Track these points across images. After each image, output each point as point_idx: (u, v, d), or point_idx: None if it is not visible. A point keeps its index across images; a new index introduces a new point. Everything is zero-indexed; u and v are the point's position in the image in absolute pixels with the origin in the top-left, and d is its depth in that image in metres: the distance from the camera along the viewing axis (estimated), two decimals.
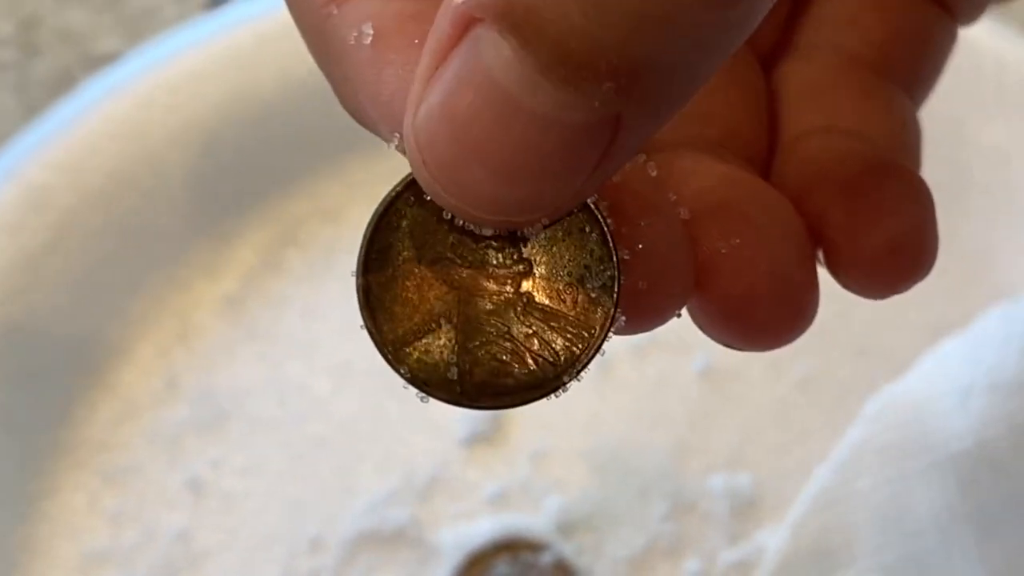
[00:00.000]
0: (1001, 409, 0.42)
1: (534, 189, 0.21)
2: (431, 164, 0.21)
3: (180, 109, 0.57)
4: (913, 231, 0.25)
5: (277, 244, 0.58)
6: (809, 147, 0.27)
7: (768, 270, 0.24)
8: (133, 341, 0.55)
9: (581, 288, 0.23)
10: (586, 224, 0.23)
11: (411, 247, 0.23)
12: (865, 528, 0.44)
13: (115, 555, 0.50)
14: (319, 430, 0.52)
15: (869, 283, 0.25)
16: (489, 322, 0.23)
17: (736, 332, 0.25)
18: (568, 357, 0.23)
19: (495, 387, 0.23)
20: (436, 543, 0.48)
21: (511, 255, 0.23)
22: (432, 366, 0.23)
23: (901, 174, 0.26)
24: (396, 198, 0.23)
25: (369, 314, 0.23)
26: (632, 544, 0.47)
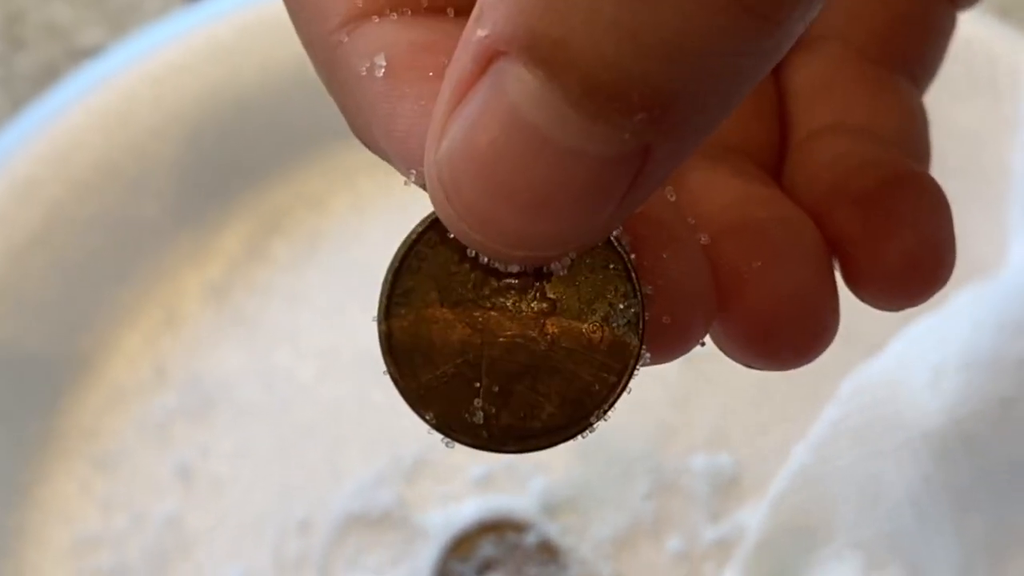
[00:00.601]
0: (973, 387, 0.43)
1: (562, 224, 0.20)
2: (455, 202, 0.20)
3: (163, 101, 0.58)
4: (931, 243, 0.25)
5: (261, 233, 0.58)
6: (822, 151, 0.27)
7: (790, 292, 0.24)
8: (120, 330, 0.55)
9: (606, 326, 0.22)
10: (609, 261, 0.22)
11: (433, 289, 0.22)
12: (843, 505, 0.44)
13: (107, 540, 0.50)
14: (306, 415, 0.53)
15: (887, 297, 0.25)
16: (516, 363, 0.22)
17: (759, 354, 0.25)
18: (595, 398, 0.22)
19: (521, 431, 0.22)
20: (423, 524, 0.49)
21: (535, 295, 0.22)
22: (457, 412, 0.23)
23: (918, 184, 0.26)
24: (417, 240, 0.23)
25: (392, 361, 0.23)
26: (615, 524, 0.48)
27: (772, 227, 0.25)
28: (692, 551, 0.48)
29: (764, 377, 0.51)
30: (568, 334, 0.22)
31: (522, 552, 0.47)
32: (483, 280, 0.22)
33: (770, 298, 0.24)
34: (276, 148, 0.59)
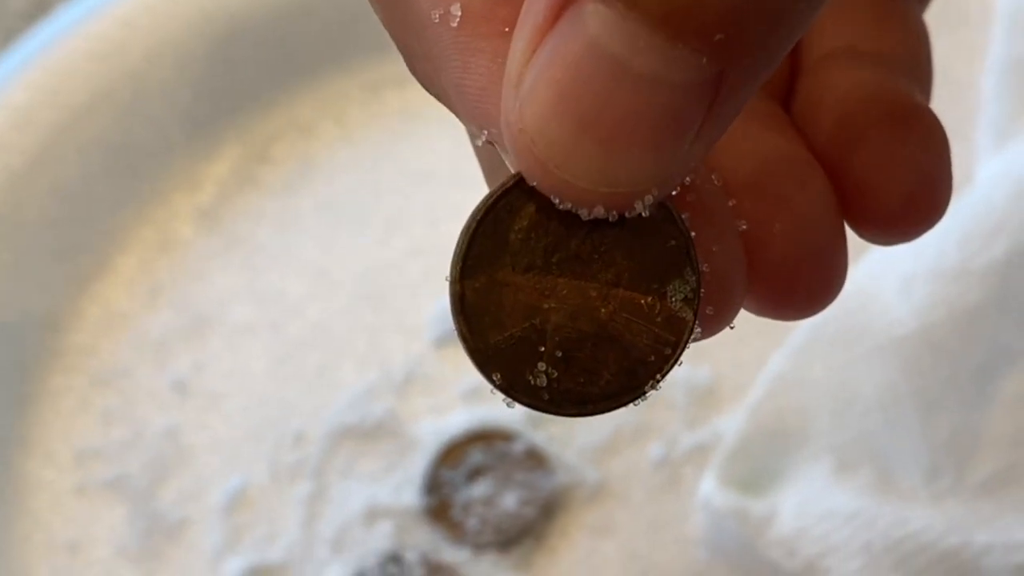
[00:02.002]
0: (941, 295, 0.45)
1: (643, 157, 0.21)
2: (540, 142, 0.21)
3: (156, 28, 0.59)
4: (929, 183, 0.26)
5: (252, 159, 0.60)
6: (830, 80, 0.28)
7: (810, 253, 0.25)
8: (116, 252, 0.57)
9: (664, 300, 0.23)
10: (671, 237, 0.23)
11: (506, 254, 0.23)
12: (817, 410, 0.46)
13: (107, 452, 0.52)
14: (298, 333, 0.55)
15: (885, 234, 0.26)
16: (578, 331, 0.23)
17: (773, 308, 0.26)
18: (649, 368, 0.23)
19: (580, 395, 0.23)
20: (414, 434, 0.51)
21: (600, 264, 0.23)
22: (520, 373, 0.23)
23: (920, 121, 0.26)
24: (494, 205, 0.23)
25: (464, 320, 0.23)
26: (599, 432, 0.50)
27: (788, 185, 0.26)
28: (672, 456, 0.50)
29: None
30: (629, 305, 0.23)
31: (510, 459, 0.49)
32: (554, 247, 0.23)
33: (790, 260, 0.25)
34: (267, 75, 0.60)
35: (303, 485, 0.50)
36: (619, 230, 0.23)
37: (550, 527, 0.48)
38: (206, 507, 0.50)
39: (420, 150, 0.60)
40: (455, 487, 0.49)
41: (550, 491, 0.49)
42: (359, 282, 0.56)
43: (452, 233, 0.44)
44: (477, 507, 0.48)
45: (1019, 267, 0.45)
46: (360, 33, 0.61)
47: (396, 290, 0.55)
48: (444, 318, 0.53)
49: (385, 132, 0.61)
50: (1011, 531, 0.43)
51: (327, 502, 0.50)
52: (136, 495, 0.51)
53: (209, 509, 0.50)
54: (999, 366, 0.45)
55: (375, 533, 0.49)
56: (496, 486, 0.49)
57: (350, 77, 0.61)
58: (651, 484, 0.49)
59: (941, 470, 0.45)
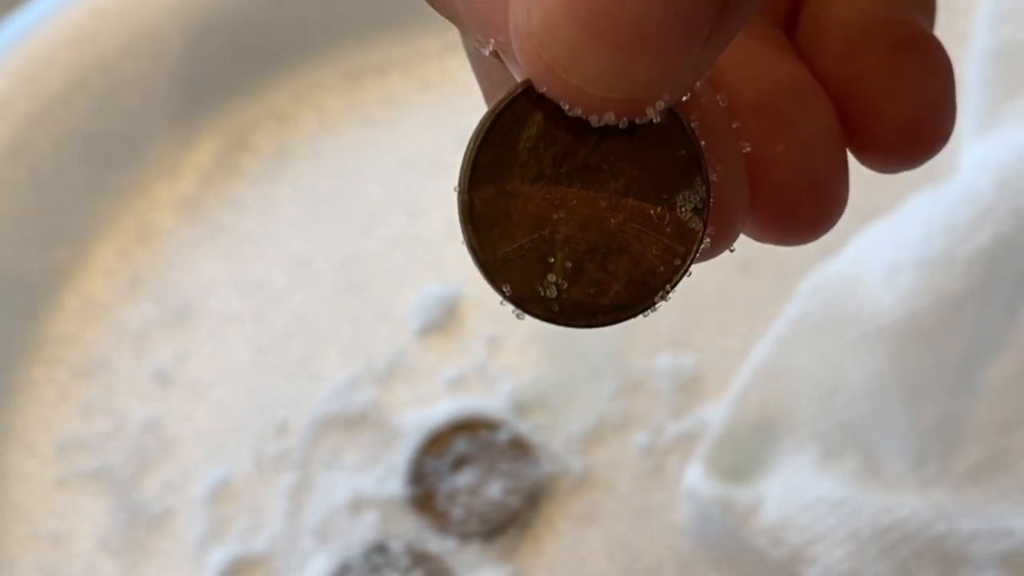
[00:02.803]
0: (927, 283, 0.45)
1: (654, 60, 0.21)
2: (549, 46, 0.21)
3: (132, 16, 0.58)
4: (933, 109, 0.26)
5: (230, 148, 0.59)
6: (834, 7, 0.28)
7: (810, 174, 0.25)
8: (94, 243, 0.57)
9: (673, 210, 0.23)
10: (681, 146, 0.23)
11: (515, 163, 0.23)
12: (802, 398, 0.46)
13: (88, 443, 0.52)
14: (280, 323, 0.54)
15: (888, 160, 0.26)
16: (588, 241, 0.23)
17: (776, 231, 0.26)
18: (659, 279, 0.23)
19: (590, 306, 0.23)
20: (398, 424, 0.51)
21: (610, 174, 0.23)
22: (529, 284, 0.23)
23: (925, 48, 0.26)
24: (502, 113, 0.23)
25: (472, 231, 0.23)
26: (584, 420, 0.50)
27: (791, 107, 0.26)
28: (657, 445, 0.49)
29: (726, 278, 0.53)
30: (638, 215, 0.23)
31: (495, 448, 0.49)
32: (563, 157, 0.23)
33: (791, 181, 0.25)
34: (245, 64, 0.60)
35: (287, 476, 0.50)
36: (629, 139, 0.23)
37: (535, 516, 0.48)
38: (189, 498, 0.50)
39: (401, 138, 0.59)
40: (440, 476, 0.49)
41: (535, 480, 0.48)
42: (342, 271, 0.56)
43: (434, 221, 0.44)
44: (462, 496, 0.48)
45: (1004, 255, 0.45)
46: (339, 20, 0.61)
47: (379, 279, 0.55)
48: (427, 307, 0.53)
49: (365, 120, 0.60)
50: (997, 518, 0.43)
51: (311, 492, 0.50)
52: (118, 486, 0.50)
53: (192, 500, 0.50)
54: (985, 354, 0.46)
55: (360, 523, 0.48)
56: (481, 475, 0.49)
57: (330, 65, 0.61)
58: (636, 473, 0.49)
59: (927, 458, 0.45)
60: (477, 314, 0.53)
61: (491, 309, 0.53)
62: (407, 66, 0.61)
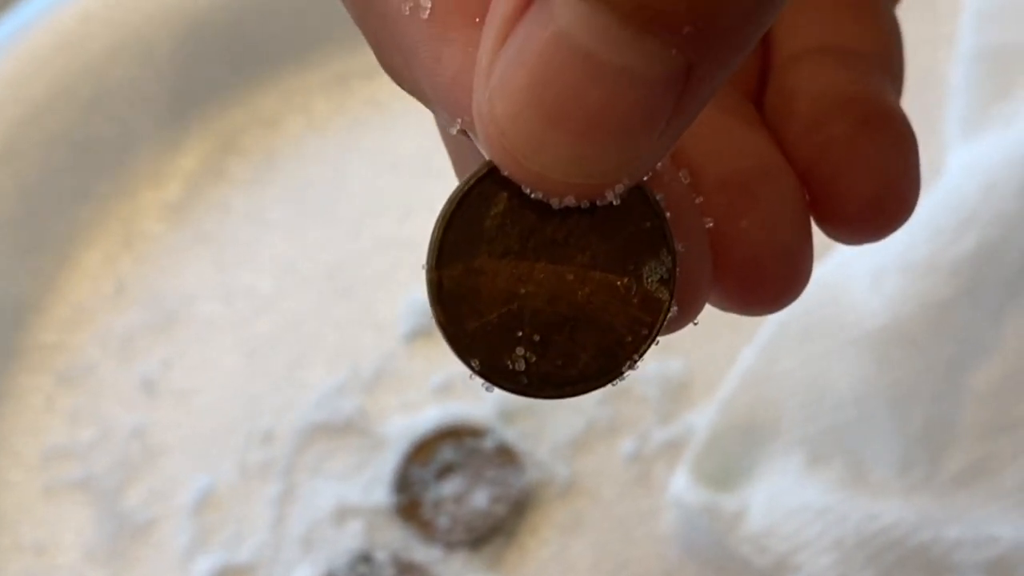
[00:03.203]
0: (912, 288, 0.45)
1: (614, 147, 0.21)
2: (511, 134, 0.21)
3: (119, 21, 0.58)
4: (897, 188, 0.26)
5: (217, 152, 0.59)
6: (801, 80, 0.28)
7: (775, 250, 0.26)
8: (80, 249, 0.56)
9: (640, 281, 0.23)
10: (646, 219, 0.23)
11: (482, 241, 0.23)
12: (789, 404, 0.46)
13: (74, 451, 0.51)
14: (267, 329, 0.54)
15: (852, 235, 0.27)
16: (556, 314, 0.23)
17: (740, 303, 0.26)
18: (627, 349, 0.23)
19: (559, 378, 0.24)
20: (383, 432, 0.50)
21: (576, 248, 0.23)
22: (500, 359, 0.23)
23: (890, 123, 0.27)
24: (469, 192, 0.23)
25: (441, 309, 0.23)
26: (571, 427, 0.50)
27: (756, 182, 0.26)
28: (644, 452, 0.49)
29: None
30: (605, 288, 0.23)
31: (481, 456, 0.49)
32: (530, 232, 0.23)
33: (756, 256, 0.26)
34: (232, 68, 0.60)
35: (272, 484, 0.50)
36: (594, 215, 0.23)
37: (521, 524, 0.48)
38: (174, 507, 0.50)
39: (388, 142, 0.59)
40: (425, 485, 0.49)
41: (521, 488, 0.48)
42: (328, 276, 0.56)
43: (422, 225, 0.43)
44: (448, 505, 0.48)
45: (989, 260, 0.45)
46: (326, 25, 0.60)
47: (366, 284, 0.55)
48: (415, 313, 0.53)
49: (352, 124, 0.60)
50: (982, 525, 0.42)
51: (296, 501, 0.49)
52: (104, 495, 0.50)
53: (177, 509, 0.50)
54: (970, 359, 0.45)
55: (345, 532, 0.48)
56: (467, 484, 0.48)
57: (316, 69, 0.61)
58: (622, 480, 0.49)
59: (913, 463, 0.45)
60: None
61: None
62: None
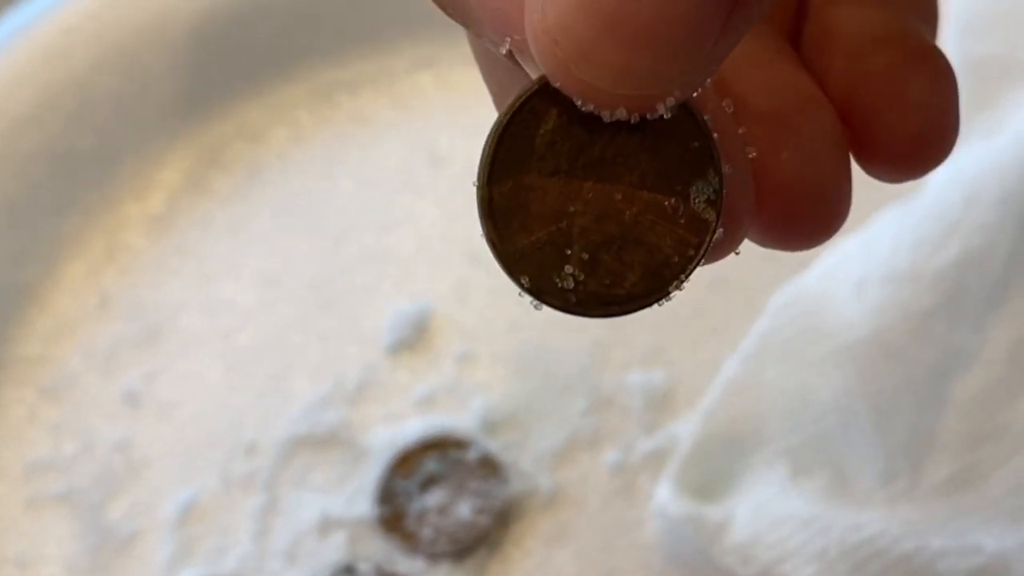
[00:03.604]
0: (894, 298, 0.45)
1: (666, 58, 0.21)
2: (564, 43, 0.21)
3: (102, 35, 0.58)
4: (938, 122, 0.26)
5: (201, 165, 0.59)
6: (840, 21, 0.28)
7: (814, 181, 0.26)
8: (64, 261, 0.56)
9: (687, 202, 0.24)
10: (694, 138, 0.23)
11: (532, 158, 0.23)
12: (772, 414, 0.46)
13: (57, 465, 0.51)
14: (250, 341, 0.54)
15: (893, 170, 0.27)
16: (604, 233, 0.24)
17: (776, 236, 0.26)
18: (673, 269, 0.24)
19: (606, 297, 0.24)
20: (367, 444, 0.50)
21: (625, 167, 0.23)
22: (547, 276, 0.24)
23: (930, 61, 0.27)
24: (520, 109, 0.23)
25: (492, 225, 0.24)
26: (554, 438, 0.50)
27: (796, 116, 0.26)
28: (628, 463, 0.49)
29: (697, 295, 0.52)
30: (653, 207, 0.24)
31: (464, 467, 0.49)
32: (579, 151, 0.23)
33: (796, 187, 0.26)
34: (216, 81, 0.60)
35: (255, 496, 0.50)
36: (643, 133, 0.23)
37: (505, 536, 0.48)
38: (157, 520, 0.50)
39: (372, 155, 0.59)
40: (409, 496, 0.48)
41: (504, 499, 0.48)
42: (311, 289, 0.55)
43: (405, 238, 0.43)
44: (431, 516, 0.48)
45: (971, 270, 0.45)
46: (310, 38, 0.60)
47: (349, 296, 0.55)
48: (398, 325, 0.53)
49: (336, 137, 0.60)
50: (966, 535, 0.42)
51: (279, 513, 0.49)
52: (87, 508, 0.50)
53: (160, 522, 0.50)
54: (953, 369, 0.45)
55: (328, 544, 0.48)
56: (450, 495, 0.48)
57: (300, 82, 0.61)
58: (606, 491, 0.49)
59: (896, 473, 0.45)
60: (448, 331, 0.53)
61: (462, 326, 0.53)
62: (378, 83, 0.61)
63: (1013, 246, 0.46)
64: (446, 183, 0.58)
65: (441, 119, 0.60)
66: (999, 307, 0.46)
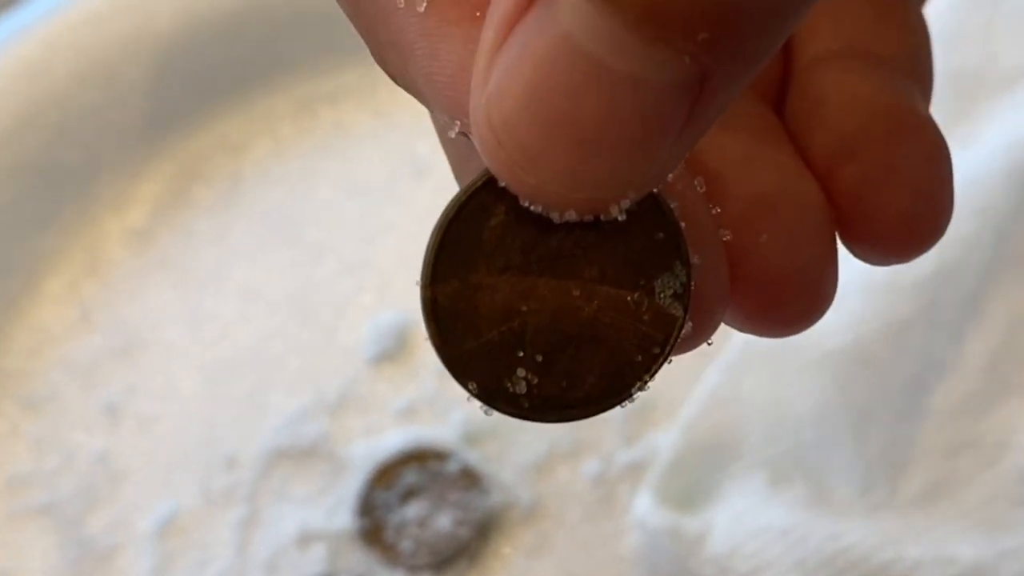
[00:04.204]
0: (872, 309, 0.45)
1: (619, 159, 0.19)
2: (507, 143, 0.20)
3: (83, 48, 0.58)
4: (930, 202, 0.24)
5: (182, 178, 0.59)
6: (825, 86, 0.26)
7: (796, 267, 0.24)
8: (45, 275, 0.56)
9: (651, 296, 0.22)
10: (658, 229, 0.22)
11: (481, 255, 0.22)
12: (751, 425, 0.46)
13: (38, 478, 0.51)
14: (230, 354, 0.54)
15: (882, 251, 0.25)
16: (560, 332, 0.22)
17: (758, 324, 0.24)
18: (636, 369, 0.22)
19: (563, 401, 0.22)
20: (347, 456, 0.50)
21: (583, 261, 0.22)
22: (497, 380, 0.22)
23: (922, 133, 0.25)
24: (466, 203, 0.22)
25: (436, 328, 0.22)
26: (534, 450, 0.50)
27: (779, 195, 0.24)
28: (608, 474, 0.49)
29: None
30: (614, 303, 0.22)
31: (444, 479, 0.49)
32: (532, 245, 0.22)
33: (775, 272, 0.24)
34: (195, 94, 0.60)
35: (236, 509, 0.50)
36: (602, 224, 0.21)
37: (485, 547, 0.48)
38: (137, 533, 0.50)
39: (352, 166, 0.59)
40: (389, 508, 0.48)
41: (485, 511, 0.48)
42: (292, 301, 0.55)
43: (386, 250, 0.43)
44: (411, 528, 0.48)
45: (949, 281, 0.45)
46: (290, 50, 0.60)
47: (330, 309, 0.55)
48: (378, 337, 0.53)
49: (317, 149, 0.60)
50: (943, 544, 0.43)
51: (260, 526, 0.49)
52: (67, 521, 0.50)
53: (140, 535, 0.50)
54: (930, 379, 0.46)
55: (309, 557, 0.48)
56: (430, 507, 0.48)
57: (281, 94, 0.61)
58: (586, 502, 0.49)
59: (874, 483, 0.45)
60: (428, 343, 0.53)
61: None
62: (360, 94, 0.61)
63: (990, 257, 0.46)
64: (428, 194, 0.58)
65: (422, 130, 0.59)
66: (976, 318, 0.46)
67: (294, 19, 0.60)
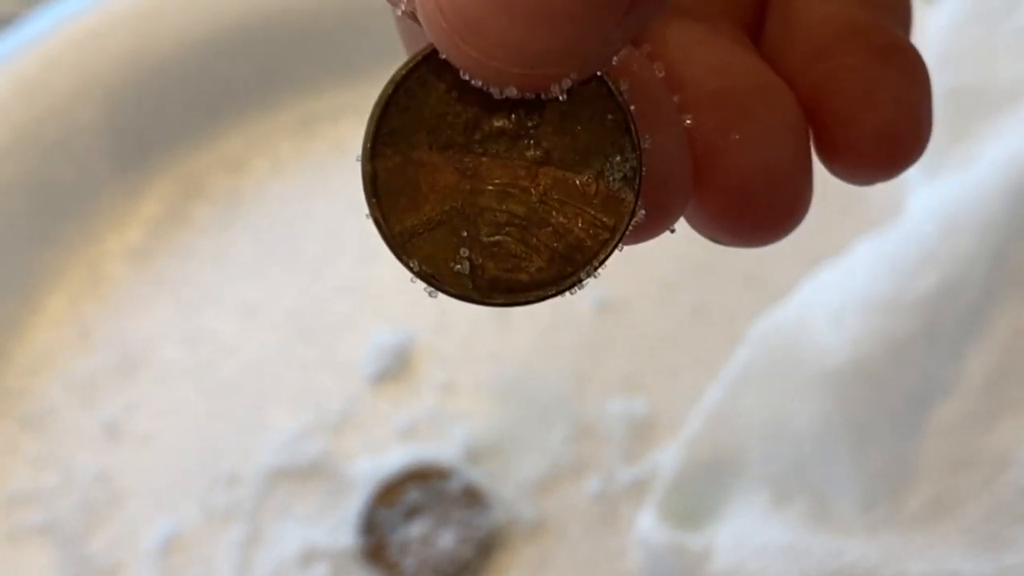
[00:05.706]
0: (872, 327, 0.45)
1: (563, 34, 0.19)
2: (450, 13, 0.19)
3: (83, 66, 0.58)
4: (910, 118, 0.24)
5: (182, 196, 0.59)
6: (805, 13, 0.26)
7: (767, 165, 0.23)
8: (45, 293, 0.56)
9: (601, 180, 0.21)
10: (608, 111, 0.21)
11: (422, 130, 0.21)
12: (752, 442, 0.46)
13: (37, 497, 0.51)
14: (231, 373, 0.54)
15: (860, 169, 0.24)
16: (503, 213, 0.21)
17: (729, 229, 0.24)
18: (586, 254, 0.22)
19: (508, 283, 0.22)
20: (349, 474, 0.50)
21: (528, 142, 0.21)
22: (442, 259, 0.22)
23: (902, 52, 0.24)
24: (407, 77, 0.21)
25: (376, 203, 0.22)
26: (536, 467, 0.50)
27: (751, 98, 0.24)
28: (609, 491, 0.49)
29: (677, 322, 0.53)
30: (561, 186, 0.21)
31: (447, 497, 0.49)
32: (475, 123, 0.21)
33: (747, 171, 0.23)
34: (195, 112, 0.60)
35: (237, 527, 0.50)
36: (549, 103, 0.21)
37: (488, 565, 0.48)
38: (139, 551, 0.50)
39: (352, 185, 0.59)
40: (392, 527, 0.48)
41: (487, 529, 0.48)
42: (292, 320, 0.56)
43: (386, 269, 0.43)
44: (414, 547, 0.48)
45: (949, 299, 0.45)
46: (289, 69, 0.61)
47: (329, 327, 0.55)
48: (379, 355, 0.53)
49: (316, 167, 0.60)
50: (944, 561, 0.43)
51: (262, 544, 0.49)
52: (67, 540, 0.50)
53: (141, 554, 0.50)
54: (931, 396, 0.46)
55: (311, 575, 0.48)
56: (433, 525, 0.48)
57: (280, 113, 0.61)
58: (589, 520, 0.49)
59: (875, 500, 0.45)
60: (429, 361, 0.53)
61: (443, 356, 0.53)
62: (359, 113, 0.61)
63: (990, 275, 0.46)
64: None
65: None
66: (976, 336, 0.46)
67: (294, 38, 0.61)
